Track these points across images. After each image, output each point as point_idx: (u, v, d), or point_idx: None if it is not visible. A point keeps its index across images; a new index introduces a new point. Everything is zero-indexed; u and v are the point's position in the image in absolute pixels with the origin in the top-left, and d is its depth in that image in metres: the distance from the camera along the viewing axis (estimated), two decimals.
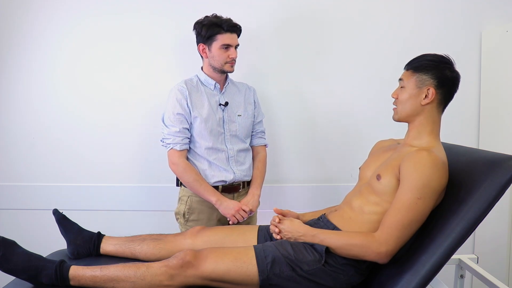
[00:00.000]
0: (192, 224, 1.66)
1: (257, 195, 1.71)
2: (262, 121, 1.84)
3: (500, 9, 2.04)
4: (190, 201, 1.67)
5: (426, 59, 1.24)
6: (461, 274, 1.51)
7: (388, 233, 1.13)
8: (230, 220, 1.62)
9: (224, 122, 1.67)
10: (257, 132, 1.82)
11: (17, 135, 2.04)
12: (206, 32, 1.59)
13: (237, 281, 1.18)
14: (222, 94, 1.70)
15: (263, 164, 1.80)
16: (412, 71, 1.25)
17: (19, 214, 2.08)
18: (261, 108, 1.85)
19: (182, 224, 1.70)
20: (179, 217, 1.70)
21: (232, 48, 1.62)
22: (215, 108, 1.66)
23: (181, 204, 1.70)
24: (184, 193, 1.69)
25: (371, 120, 2.08)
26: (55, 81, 2.02)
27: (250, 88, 1.82)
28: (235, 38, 1.63)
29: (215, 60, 1.63)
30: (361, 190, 1.30)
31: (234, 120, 1.70)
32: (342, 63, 2.06)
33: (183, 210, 1.68)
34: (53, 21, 1.98)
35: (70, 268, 1.17)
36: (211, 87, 1.68)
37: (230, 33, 1.60)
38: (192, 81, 1.68)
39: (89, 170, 2.07)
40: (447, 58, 1.24)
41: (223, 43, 1.59)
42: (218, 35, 1.59)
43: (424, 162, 1.13)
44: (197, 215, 1.67)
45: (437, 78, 1.21)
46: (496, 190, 1.07)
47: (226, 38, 1.59)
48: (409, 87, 1.25)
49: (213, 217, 1.68)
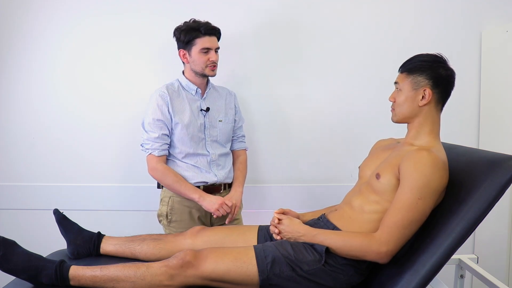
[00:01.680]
0: (175, 225, 1.66)
1: (240, 192, 1.72)
2: (242, 126, 1.86)
3: (500, 9, 2.03)
4: (171, 202, 1.67)
5: (419, 60, 1.24)
6: (461, 274, 1.51)
7: (388, 233, 1.13)
8: (214, 215, 1.61)
9: (205, 127, 1.68)
10: (238, 137, 1.84)
11: (17, 135, 2.05)
12: (185, 37, 1.60)
13: (237, 281, 1.18)
14: (203, 100, 1.70)
15: (244, 165, 1.82)
16: (407, 73, 1.25)
17: (19, 214, 2.08)
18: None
19: (165, 225, 1.69)
20: (162, 219, 1.70)
21: (212, 51, 1.62)
22: (197, 113, 1.66)
23: (162, 206, 1.70)
24: (165, 194, 1.69)
25: (371, 120, 2.08)
26: (55, 81, 2.02)
27: (231, 93, 1.83)
28: (214, 41, 1.63)
29: (196, 64, 1.63)
30: (361, 189, 1.30)
31: (215, 126, 1.70)
32: (342, 64, 2.06)
33: (165, 211, 1.67)
34: (53, 21, 1.98)
35: (70, 268, 1.17)
36: (192, 92, 1.69)
37: (208, 36, 1.60)
38: (173, 85, 1.68)
39: (89, 170, 2.07)
40: (440, 57, 1.24)
41: (202, 46, 1.59)
42: (197, 39, 1.59)
43: (424, 161, 1.13)
44: (180, 215, 1.67)
45: (432, 78, 1.21)
46: (496, 190, 1.07)
47: (205, 41, 1.59)
48: (405, 89, 1.25)
49: (195, 216, 1.68)
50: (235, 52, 2.02)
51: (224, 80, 1.90)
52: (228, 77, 2.00)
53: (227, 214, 1.64)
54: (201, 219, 1.69)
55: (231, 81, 2.00)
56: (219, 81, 1.84)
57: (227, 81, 1.94)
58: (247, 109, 2.01)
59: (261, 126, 2.09)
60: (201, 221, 1.69)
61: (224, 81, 1.90)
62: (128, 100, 2.03)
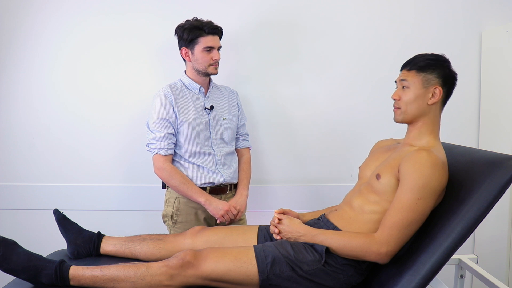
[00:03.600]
0: (181, 226, 1.66)
1: (245, 195, 1.72)
2: (245, 124, 1.86)
3: (500, 9, 2.04)
4: (177, 203, 1.67)
5: (429, 58, 1.24)
6: (461, 274, 1.51)
7: (388, 234, 1.13)
8: (218, 220, 1.62)
9: (210, 126, 1.68)
10: (241, 135, 1.84)
11: (17, 135, 2.04)
12: (188, 36, 1.60)
13: (237, 281, 1.18)
14: (206, 98, 1.71)
15: (248, 165, 1.82)
16: (417, 71, 1.24)
17: (19, 214, 2.08)
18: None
19: (170, 226, 1.69)
20: (167, 219, 1.70)
21: (215, 50, 1.63)
22: (201, 112, 1.67)
23: (168, 206, 1.69)
24: (171, 194, 1.69)
25: (371, 120, 2.08)
26: (55, 81, 2.02)
27: (233, 91, 1.83)
28: (217, 40, 1.64)
29: (199, 63, 1.63)
30: (361, 190, 1.30)
31: (220, 124, 1.70)
32: (342, 64, 2.06)
33: (171, 212, 1.67)
34: (53, 21, 1.98)
35: (70, 268, 1.17)
36: (195, 91, 1.69)
37: (212, 35, 1.61)
38: (176, 85, 1.68)
39: (89, 170, 2.07)
40: (445, 57, 1.25)
41: (205, 45, 1.60)
42: (200, 38, 1.60)
43: (424, 162, 1.13)
44: (185, 216, 1.66)
45: (442, 76, 1.22)
46: (496, 190, 1.07)
47: (209, 40, 1.60)
48: (415, 87, 1.23)
49: (201, 218, 1.68)
50: (237, 52, 2.02)
51: (225, 80, 1.90)
52: (229, 76, 2.00)
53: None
54: (207, 220, 1.70)
55: (232, 81, 1.99)
56: (221, 81, 1.85)
57: (228, 80, 1.94)
58: (248, 109, 2.01)
59: (261, 126, 2.09)
60: (207, 222, 1.70)
61: (225, 81, 1.90)
62: (128, 100, 2.03)
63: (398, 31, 2.04)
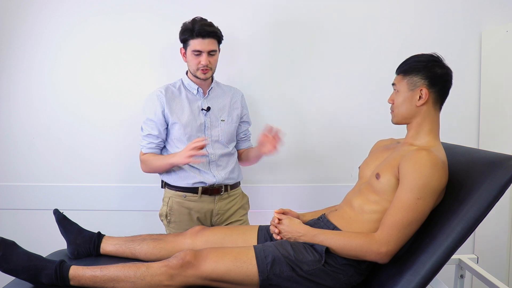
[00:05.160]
0: (174, 226, 1.67)
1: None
2: (248, 128, 1.86)
3: (500, 9, 2.04)
4: (171, 202, 1.67)
5: (414, 60, 1.25)
6: (461, 274, 1.51)
7: (388, 233, 1.13)
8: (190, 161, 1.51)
9: (205, 127, 1.66)
10: (247, 136, 1.85)
11: (17, 135, 2.04)
12: (180, 36, 1.60)
13: (237, 281, 1.18)
14: (205, 99, 1.68)
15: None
16: (403, 75, 1.26)
17: (19, 214, 2.08)
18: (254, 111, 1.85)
19: (165, 225, 1.70)
20: (163, 219, 1.71)
21: (204, 54, 1.55)
22: (197, 113, 1.65)
23: (163, 206, 1.70)
24: (166, 194, 1.70)
25: (371, 120, 2.08)
26: (55, 81, 2.02)
27: (238, 92, 1.80)
28: (206, 43, 1.55)
29: (189, 66, 1.63)
30: (361, 189, 1.30)
31: (217, 125, 1.68)
32: (342, 65, 2.06)
33: (165, 212, 1.68)
34: (53, 21, 1.98)
35: (70, 268, 1.17)
36: (193, 91, 1.68)
37: (201, 38, 1.54)
38: (174, 85, 1.68)
39: (89, 170, 2.06)
40: (435, 56, 1.25)
41: (193, 49, 1.55)
42: (190, 40, 1.56)
43: (423, 161, 1.13)
44: (178, 216, 1.66)
45: (427, 77, 1.22)
46: (496, 190, 1.07)
47: (197, 43, 1.54)
48: (402, 90, 1.26)
49: (194, 218, 1.67)
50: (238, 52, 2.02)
51: (225, 80, 1.90)
52: (230, 76, 2.00)
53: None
54: (200, 220, 1.69)
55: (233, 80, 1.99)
56: (223, 81, 1.84)
57: (228, 81, 1.94)
58: (250, 109, 2.00)
59: (262, 126, 2.08)
60: (200, 222, 1.69)
61: (226, 81, 1.89)
62: (128, 100, 2.03)
63: (398, 31, 2.04)
